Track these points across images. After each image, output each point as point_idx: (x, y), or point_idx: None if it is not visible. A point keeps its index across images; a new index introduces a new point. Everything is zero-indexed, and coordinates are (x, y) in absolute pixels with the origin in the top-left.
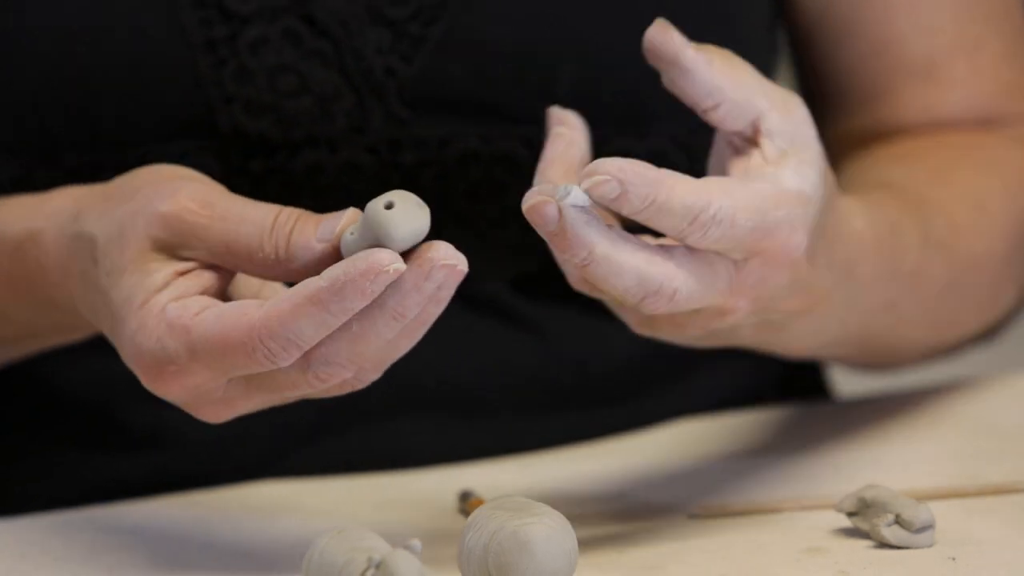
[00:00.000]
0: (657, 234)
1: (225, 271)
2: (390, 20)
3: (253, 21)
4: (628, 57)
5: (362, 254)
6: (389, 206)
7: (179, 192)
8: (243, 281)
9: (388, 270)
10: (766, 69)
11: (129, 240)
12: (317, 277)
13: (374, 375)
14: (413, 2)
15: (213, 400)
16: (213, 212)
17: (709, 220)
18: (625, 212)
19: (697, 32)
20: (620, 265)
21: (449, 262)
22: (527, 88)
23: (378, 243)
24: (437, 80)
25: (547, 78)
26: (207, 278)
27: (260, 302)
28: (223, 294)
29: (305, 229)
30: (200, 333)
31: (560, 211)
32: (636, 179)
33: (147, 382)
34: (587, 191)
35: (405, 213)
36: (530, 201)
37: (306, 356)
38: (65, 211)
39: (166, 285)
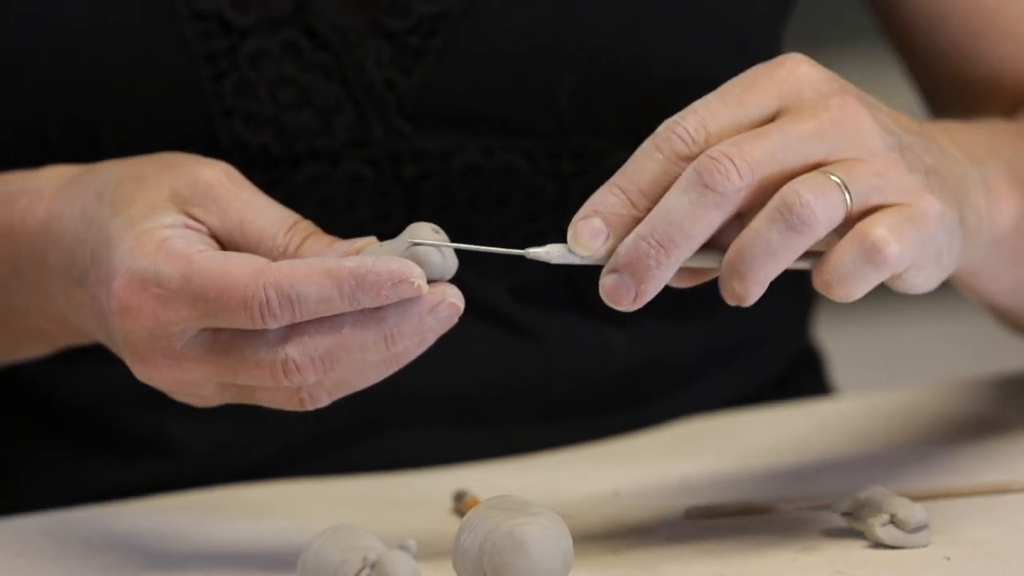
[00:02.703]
0: None
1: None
2: (390, 32)
3: (253, 33)
4: (628, 69)
5: (394, 258)
6: (436, 231)
7: (216, 164)
8: None
9: (414, 283)
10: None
11: (148, 183)
12: (344, 258)
13: (327, 400)
14: (413, 14)
15: (167, 349)
16: (240, 192)
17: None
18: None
19: (697, 25)
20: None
21: (457, 303)
22: (528, 100)
23: (411, 260)
24: (437, 93)
25: (548, 90)
26: (211, 243)
27: (267, 259)
28: None
29: (321, 240)
30: (202, 265)
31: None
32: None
33: (120, 300)
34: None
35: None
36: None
37: (285, 337)
38: (76, 169)
39: (173, 226)
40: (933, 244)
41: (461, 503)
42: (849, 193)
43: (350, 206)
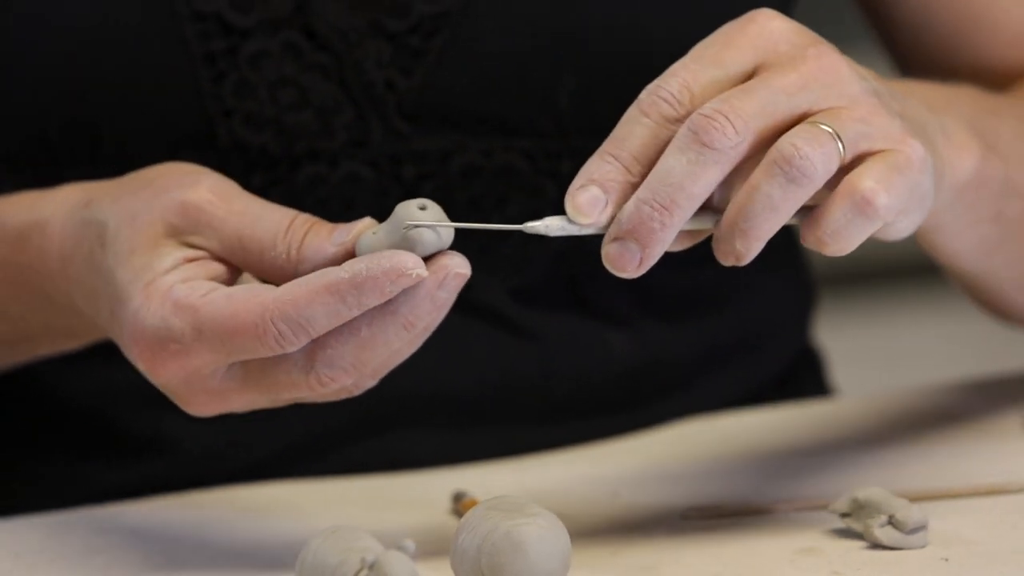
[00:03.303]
0: None
1: (232, 267)
2: (390, 33)
3: (253, 34)
4: (628, 69)
5: (387, 253)
6: (423, 208)
7: (200, 183)
8: (249, 280)
9: (411, 274)
10: None
11: (142, 223)
12: (338, 268)
13: (371, 382)
14: (413, 15)
15: (207, 389)
16: (231, 206)
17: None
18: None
19: (697, 25)
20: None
21: (463, 271)
22: (528, 100)
23: (404, 243)
24: (437, 93)
25: (548, 90)
26: (215, 268)
27: (271, 287)
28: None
29: (320, 233)
30: (209, 312)
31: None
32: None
33: (144, 362)
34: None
35: (438, 218)
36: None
37: (311, 356)
38: (75, 199)
39: (174, 267)
40: (919, 189)
41: (460, 504)
42: (841, 141)
43: (350, 206)
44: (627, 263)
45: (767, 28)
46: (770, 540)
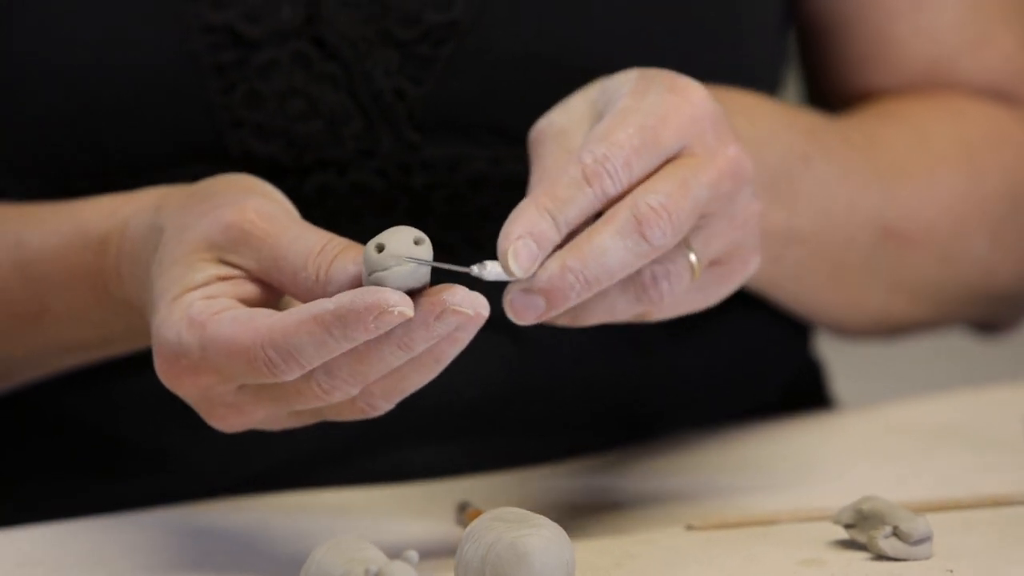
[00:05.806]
0: None
1: (269, 289)
2: (399, 42)
3: (263, 45)
4: None
5: (373, 288)
6: (380, 248)
7: (246, 202)
8: (290, 304)
9: (394, 311)
10: (774, 72)
11: (188, 236)
12: (327, 299)
13: (386, 405)
14: (422, 23)
15: (225, 403)
16: (272, 227)
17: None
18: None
19: (702, 35)
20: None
21: (463, 309)
22: (537, 109)
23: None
24: (447, 101)
25: (556, 99)
26: (248, 289)
27: (272, 311)
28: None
29: (347, 256)
30: (212, 331)
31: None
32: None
33: (162, 374)
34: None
35: (400, 250)
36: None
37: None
38: (150, 202)
39: (204, 284)
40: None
41: (464, 514)
42: (698, 266)
43: (358, 216)
44: (528, 316)
45: (698, 113)
46: (774, 551)
